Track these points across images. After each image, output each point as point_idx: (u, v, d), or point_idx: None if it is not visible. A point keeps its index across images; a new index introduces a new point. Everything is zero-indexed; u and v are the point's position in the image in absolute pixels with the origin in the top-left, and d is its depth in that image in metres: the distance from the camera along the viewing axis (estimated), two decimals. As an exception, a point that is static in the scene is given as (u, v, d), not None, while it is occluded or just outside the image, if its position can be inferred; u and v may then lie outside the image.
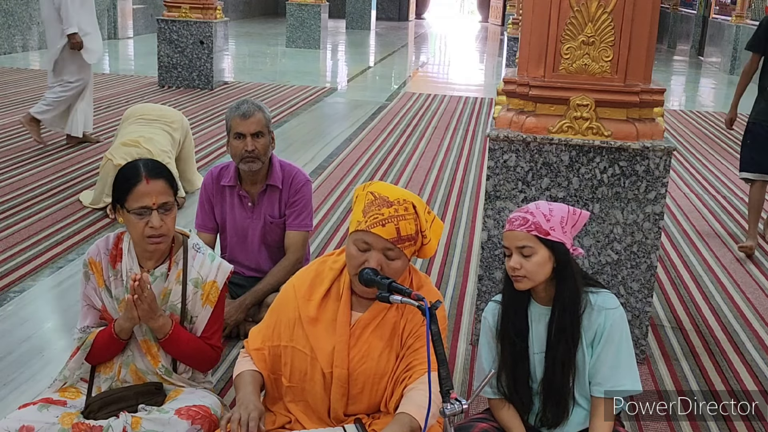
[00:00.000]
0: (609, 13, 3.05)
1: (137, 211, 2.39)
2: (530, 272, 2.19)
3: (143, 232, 2.40)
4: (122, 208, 2.43)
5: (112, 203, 2.50)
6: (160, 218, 2.40)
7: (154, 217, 2.39)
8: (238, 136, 3.34)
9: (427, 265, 4.50)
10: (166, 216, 2.42)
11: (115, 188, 2.46)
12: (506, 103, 3.37)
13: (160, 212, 2.40)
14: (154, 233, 2.40)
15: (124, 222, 2.46)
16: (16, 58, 12.42)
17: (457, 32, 25.23)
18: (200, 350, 2.51)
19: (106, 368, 2.51)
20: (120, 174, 2.48)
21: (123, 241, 2.52)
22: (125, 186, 2.41)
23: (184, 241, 2.55)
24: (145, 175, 2.41)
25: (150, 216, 2.39)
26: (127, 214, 2.41)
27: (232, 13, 20.06)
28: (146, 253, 2.48)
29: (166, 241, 2.46)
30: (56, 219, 5.00)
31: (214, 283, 2.53)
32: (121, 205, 2.43)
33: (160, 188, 2.42)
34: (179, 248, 2.54)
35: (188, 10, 10.03)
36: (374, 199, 2.17)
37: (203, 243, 2.62)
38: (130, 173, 2.44)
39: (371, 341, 2.22)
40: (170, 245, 2.51)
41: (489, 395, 2.35)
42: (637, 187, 3.19)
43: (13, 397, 2.97)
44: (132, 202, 2.40)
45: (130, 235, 2.49)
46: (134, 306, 2.35)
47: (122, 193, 2.42)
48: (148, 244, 2.43)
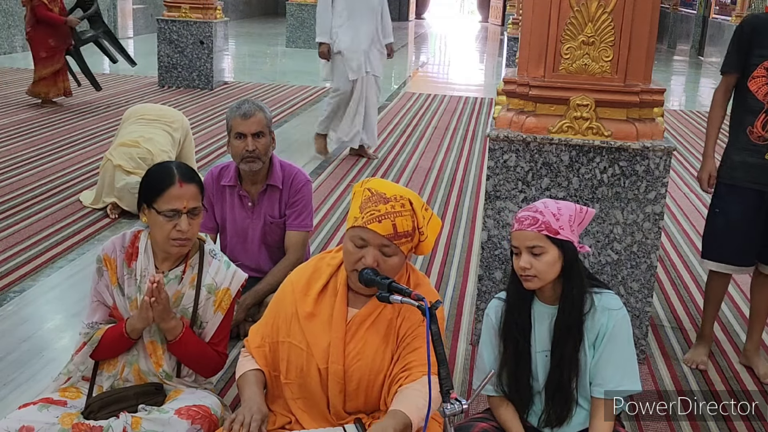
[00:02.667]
0: (609, 13, 3.05)
1: (168, 213, 2.39)
2: (540, 272, 2.19)
3: (169, 234, 2.40)
4: (149, 208, 2.43)
5: (138, 202, 2.49)
6: (189, 222, 2.41)
7: (183, 220, 2.40)
8: (239, 136, 3.34)
9: (427, 265, 4.50)
10: (194, 220, 2.43)
11: (146, 188, 2.45)
12: (506, 103, 3.37)
13: (189, 216, 2.41)
14: (180, 236, 2.41)
15: (148, 222, 2.46)
16: (16, 58, 12.42)
17: (457, 32, 25.21)
18: (206, 356, 2.52)
19: (110, 366, 2.51)
20: (152, 174, 2.48)
21: (140, 240, 2.52)
22: (158, 187, 2.41)
23: (201, 245, 2.56)
24: (179, 178, 2.42)
25: (179, 219, 2.39)
26: (155, 215, 2.41)
27: (232, 13, 20.05)
28: (164, 254, 2.48)
29: (189, 244, 2.47)
30: (56, 219, 5.00)
31: (228, 290, 2.53)
32: (149, 205, 2.42)
33: (192, 193, 2.43)
34: (195, 252, 2.54)
35: (188, 10, 10.03)
36: (371, 196, 2.17)
37: (219, 249, 2.62)
38: (163, 175, 2.44)
39: (367, 338, 2.22)
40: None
41: (489, 393, 2.35)
42: (637, 187, 3.19)
43: (13, 397, 2.97)
44: (163, 204, 2.39)
45: (152, 235, 2.49)
46: (150, 307, 2.35)
47: (153, 193, 2.41)
48: (172, 246, 2.43)
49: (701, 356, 3.46)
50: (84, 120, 8.01)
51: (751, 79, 3.22)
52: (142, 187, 2.48)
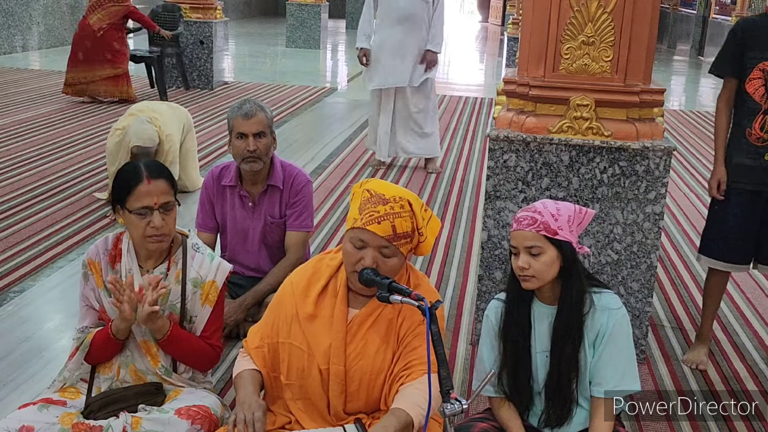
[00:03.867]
0: (609, 13, 3.05)
1: (139, 211, 2.39)
2: (538, 272, 2.19)
3: (144, 232, 2.40)
4: (122, 209, 2.43)
5: (111, 204, 2.50)
6: (162, 218, 2.40)
7: (155, 217, 2.39)
8: (240, 135, 3.34)
9: (427, 265, 4.50)
10: (167, 215, 2.42)
11: (116, 188, 2.46)
12: (506, 103, 3.37)
13: (161, 212, 2.40)
14: (155, 233, 2.40)
15: (124, 222, 2.46)
16: (16, 58, 12.42)
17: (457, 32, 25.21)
18: (200, 350, 2.51)
19: (106, 368, 2.51)
20: (120, 175, 2.48)
21: (122, 242, 2.52)
22: (126, 186, 2.41)
23: (184, 240, 2.55)
24: (147, 175, 2.41)
25: (152, 216, 2.39)
26: (128, 215, 2.41)
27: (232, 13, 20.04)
28: (146, 253, 2.48)
29: (167, 240, 2.46)
30: (56, 219, 5.00)
31: (214, 282, 2.53)
32: (122, 205, 2.43)
33: (162, 188, 2.42)
34: (178, 248, 2.54)
35: (188, 10, 10.02)
36: (370, 197, 2.17)
37: (202, 243, 2.62)
38: (130, 174, 2.44)
39: (368, 338, 2.22)
40: (170, 245, 2.52)
41: (489, 393, 2.35)
42: (637, 187, 3.19)
43: (13, 397, 2.97)
44: (133, 203, 2.39)
45: (130, 236, 2.49)
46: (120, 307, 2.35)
47: (123, 193, 2.42)
48: (149, 243, 2.43)
49: (700, 356, 3.46)
50: (84, 120, 8.01)
51: (747, 81, 3.23)
52: (113, 188, 2.49)
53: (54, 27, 14.07)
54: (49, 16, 13.89)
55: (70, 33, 14.51)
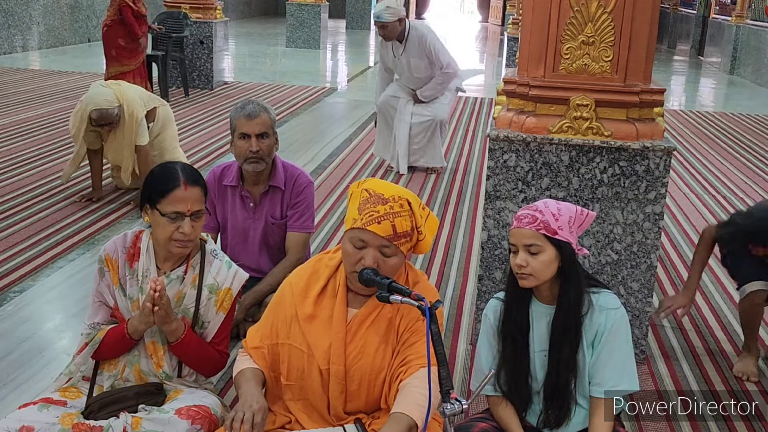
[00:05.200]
0: (609, 13, 3.05)
1: (171, 215, 2.38)
2: (536, 270, 2.19)
3: (171, 236, 2.39)
4: (153, 209, 2.41)
5: (140, 201, 2.48)
6: (191, 225, 2.40)
7: (186, 224, 2.39)
8: (243, 136, 3.34)
9: (427, 265, 4.50)
10: (197, 223, 2.42)
11: (150, 188, 2.43)
12: (506, 103, 3.37)
13: (192, 219, 2.40)
14: (182, 238, 2.40)
15: (150, 222, 2.44)
16: (16, 58, 12.42)
17: (457, 32, 25.21)
18: (208, 356, 2.52)
19: (110, 366, 2.51)
20: (156, 174, 2.46)
21: (141, 240, 2.51)
22: (162, 188, 2.39)
23: (202, 246, 2.55)
24: (184, 180, 2.40)
25: (182, 222, 2.38)
26: (158, 216, 2.40)
27: (232, 13, 20.06)
28: (165, 254, 2.48)
29: (191, 246, 2.46)
30: (56, 219, 5.00)
31: (229, 290, 2.53)
32: (152, 206, 2.41)
33: (196, 196, 2.42)
34: (197, 252, 2.53)
35: (188, 10, 10.03)
36: (369, 197, 2.17)
37: (220, 249, 2.61)
38: (168, 176, 2.42)
39: (367, 337, 2.22)
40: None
41: (488, 393, 2.35)
42: (637, 187, 3.19)
43: (13, 397, 2.97)
44: (167, 206, 2.38)
45: (153, 235, 2.48)
46: (151, 313, 2.35)
47: (157, 194, 2.40)
48: (174, 246, 2.42)
49: (749, 367, 3.36)
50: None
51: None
52: (145, 186, 2.46)
53: (54, 27, 14.08)
54: (49, 16, 13.90)
55: (70, 33, 14.56)
